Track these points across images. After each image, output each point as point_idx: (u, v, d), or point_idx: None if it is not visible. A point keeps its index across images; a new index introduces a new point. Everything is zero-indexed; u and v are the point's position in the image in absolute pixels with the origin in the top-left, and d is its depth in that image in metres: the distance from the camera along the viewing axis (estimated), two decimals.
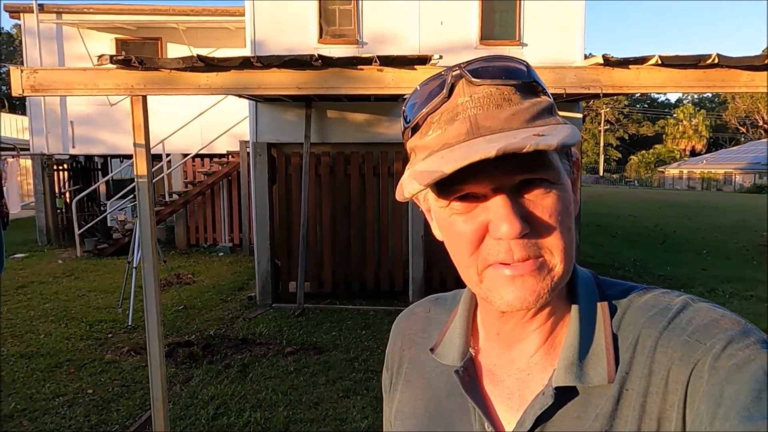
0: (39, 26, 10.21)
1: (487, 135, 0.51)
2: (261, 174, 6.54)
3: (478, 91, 0.53)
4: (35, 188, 10.62)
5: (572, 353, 0.56)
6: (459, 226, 0.54)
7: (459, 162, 0.47)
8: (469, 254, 0.54)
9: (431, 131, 0.54)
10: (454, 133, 0.52)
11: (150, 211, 2.99)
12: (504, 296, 0.53)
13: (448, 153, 0.51)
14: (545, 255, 0.53)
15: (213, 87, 2.93)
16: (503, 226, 0.51)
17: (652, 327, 0.55)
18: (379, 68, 2.95)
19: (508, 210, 0.51)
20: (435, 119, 0.54)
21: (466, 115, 0.52)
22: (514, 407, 0.58)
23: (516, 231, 0.50)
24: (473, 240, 0.54)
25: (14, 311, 6.30)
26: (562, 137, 0.48)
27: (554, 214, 0.53)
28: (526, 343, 0.59)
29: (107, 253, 9.84)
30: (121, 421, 3.69)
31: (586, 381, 0.55)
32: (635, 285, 0.62)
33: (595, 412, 0.54)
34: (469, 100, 0.53)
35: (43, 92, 2.88)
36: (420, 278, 6.65)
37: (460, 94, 0.53)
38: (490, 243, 0.53)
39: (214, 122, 9.95)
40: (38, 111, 10.54)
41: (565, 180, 0.56)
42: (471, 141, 0.51)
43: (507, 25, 6.70)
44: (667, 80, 2.94)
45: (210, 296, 6.98)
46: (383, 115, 6.60)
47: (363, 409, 3.77)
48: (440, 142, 0.53)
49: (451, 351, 0.65)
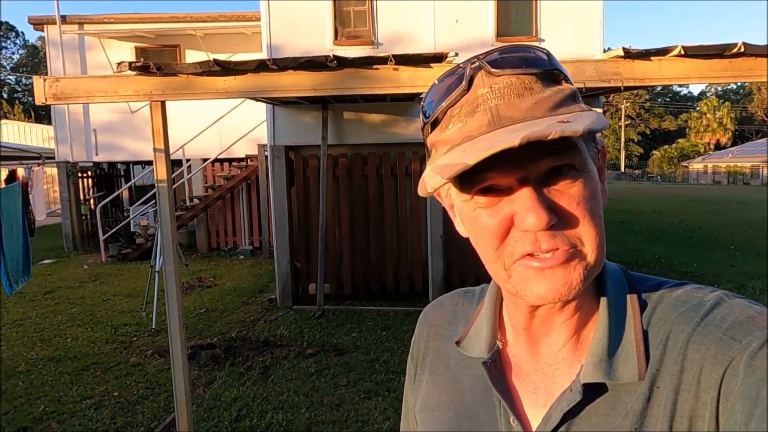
0: (62, 37, 10.45)
1: (510, 125, 0.49)
2: (279, 177, 6.58)
3: (498, 82, 0.52)
4: (61, 195, 10.87)
5: (601, 349, 0.55)
6: (483, 220, 0.53)
7: (482, 153, 0.46)
8: (494, 249, 0.53)
9: (452, 125, 0.53)
10: (475, 125, 0.51)
11: (171, 215, 3.02)
12: (534, 289, 0.52)
13: (470, 145, 0.50)
14: (576, 244, 0.51)
15: (230, 91, 2.95)
16: (530, 218, 0.49)
17: (684, 323, 0.53)
18: (395, 67, 2.93)
19: (533, 200, 0.50)
20: (455, 112, 0.53)
21: (487, 106, 0.51)
22: (540, 402, 0.57)
23: (543, 222, 0.49)
24: (498, 233, 0.52)
25: (42, 316, 6.44)
26: (588, 123, 0.47)
27: (582, 202, 0.51)
28: (554, 337, 0.58)
29: (131, 258, 10.01)
30: (146, 423, 3.74)
31: (616, 378, 0.53)
32: (666, 280, 0.60)
33: (624, 409, 0.52)
34: (489, 91, 0.52)
35: (65, 100, 2.93)
36: (440, 279, 6.60)
37: (479, 86, 0.52)
38: (516, 235, 0.52)
39: (233, 127, 10.07)
40: (63, 120, 10.79)
41: (592, 167, 0.54)
42: (493, 132, 0.50)
43: (523, 21, 6.63)
44: (690, 71, 2.86)
45: (231, 299, 7.04)
46: (399, 115, 6.58)
47: (385, 411, 3.75)
48: (461, 135, 0.52)
49: (477, 344, 0.64)
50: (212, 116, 9.97)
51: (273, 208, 6.70)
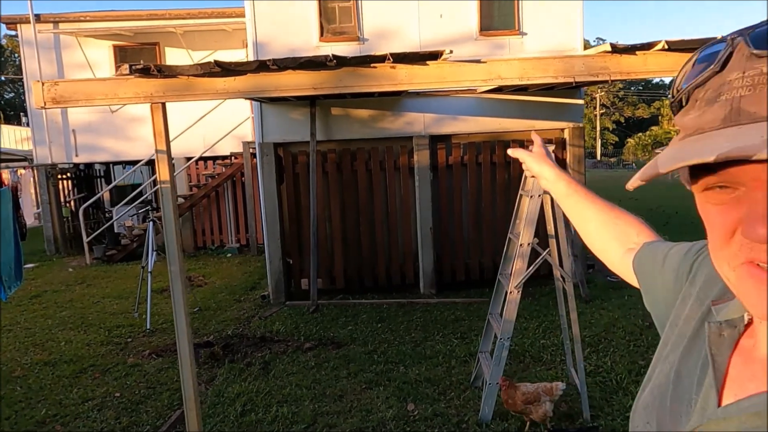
0: (37, 36, 10.22)
1: (746, 124, 0.43)
2: (269, 174, 6.60)
3: (757, 66, 0.43)
4: (41, 198, 10.69)
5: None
6: (712, 217, 0.49)
7: (676, 162, 0.43)
8: (720, 248, 0.49)
9: (693, 110, 0.48)
10: (709, 118, 0.46)
11: (174, 216, 3.06)
12: (757, 304, 0.47)
13: (690, 143, 0.46)
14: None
15: (230, 91, 2.99)
16: (758, 229, 0.43)
17: None
18: (392, 65, 3.00)
19: (765, 210, 0.43)
20: (699, 96, 0.48)
21: (730, 96, 0.44)
22: (747, 390, 0.52)
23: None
24: (724, 235, 0.48)
25: (32, 320, 6.38)
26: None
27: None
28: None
29: (116, 260, 9.91)
30: (151, 422, 3.78)
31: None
32: None
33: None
34: (740, 78, 0.44)
35: (64, 104, 2.94)
36: (430, 270, 6.73)
37: (734, 69, 0.45)
38: (743, 239, 0.46)
39: (217, 125, 10.01)
40: (40, 121, 10.58)
41: None
42: (722, 130, 0.44)
43: (506, 15, 6.74)
44: (674, 64, 3.00)
45: (223, 297, 7.06)
46: (387, 109, 6.66)
47: (387, 399, 3.86)
48: (695, 126, 0.47)
49: (725, 309, 0.60)
50: (196, 114, 9.90)
51: (263, 206, 6.73)
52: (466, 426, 3.47)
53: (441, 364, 4.45)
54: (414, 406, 3.75)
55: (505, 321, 3.48)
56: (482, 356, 3.90)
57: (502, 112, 6.62)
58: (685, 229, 10.94)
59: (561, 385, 3.29)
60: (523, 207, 3.54)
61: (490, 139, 6.69)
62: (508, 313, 3.47)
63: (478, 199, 6.75)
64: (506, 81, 3.07)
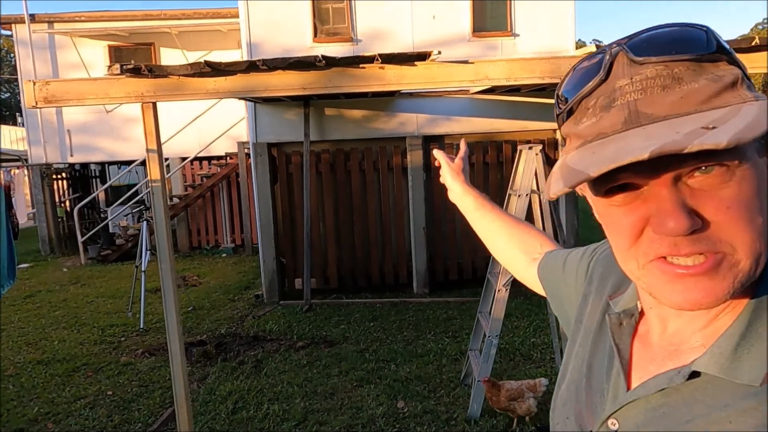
0: (31, 36, 10.22)
1: (647, 125, 0.45)
2: (263, 174, 6.63)
3: (642, 71, 0.46)
4: (35, 198, 10.68)
5: (728, 343, 0.50)
6: (616, 219, 0.50)
7: (607, 164, 0.43)
8: (627, 248, 0.50)
9: (585, 118, 0.50)
10: (609, 122, 0.47)
11: (165, 214, 3.09)
12: (671, 297, 0.48)
13: (600, 147, 0.46)
14: (724, 249, 0.46)
15: (221, 91, 3.02)
16: (669, 222, 0.45)
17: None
18: (381, 66, 3.04)
19: (672, 204, 0.45)
20: (590, 104, 0.49)
21: (625, 101, 0.46)
22: (652, 372, 0.55)
23: (683, 228, 0.44)
24: (632, 234, 0.49)
25: (25, 320, 6.39)
26: (738, 130, 0.40)
27: (734, 205, 0.45)
28: (687, 321, 0.55)
29: (111, 259, 9.91)
30: (143, 420, 3.80)
31: (733, 376, 0.48)
32: None
33: (726, 403, 0.48)
34: (630, 83, 0.46)
35: (56, 103, 2.96)
36: (423, 270, 6.77)
37: (619, 76, 0.47)
38: (652, 236, 0.48)
39: (211, 125, 10.04)
40: (35, 121, 10.57)
41: (755, 161, 0.47)
42: (626, 132, 0.46)
43: (499, 17, 6.79)
44: None
45: (217, 296, 7.08)
46: (380, 110, 6.70)
47: (377, 397, 3.89)
48: (594, 132, 0.48)
49: (621, 301, 0.64)
50: (190, 114, 9.92)
51: (257, 206, 6.76)
52: (455, 423, 3.50)
53: (432, 362, 4.49)
54: (404, 403, 3.79)
55: (494, 319, 3.52)
56: (472, 354, 3.94)
57: (494, 113, 6.67)
58: None
59: (544, 381, 3.34)
60: (512, 206, 3.58)
61: (483, 139, 6.73)
62: (497, 312, 3.51)
63: None
64: (494, 81, 3.11)
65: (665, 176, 0.45)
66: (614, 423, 0.57)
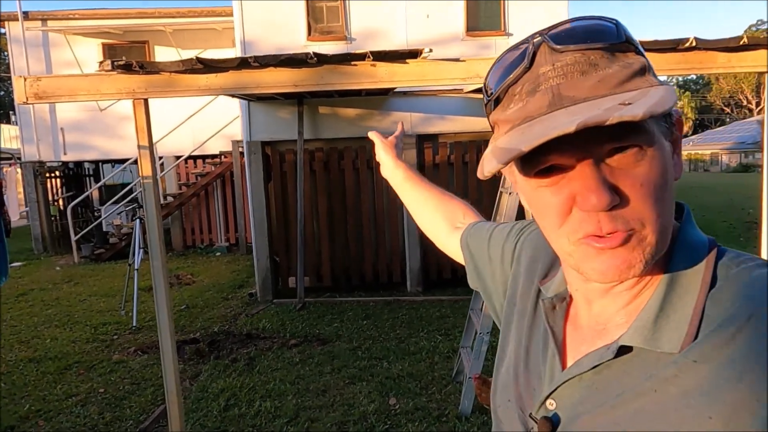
0: (25, 34, 10.18)
1: (570, 106, 0.49)
2: (256, 172, 6.63)
3: (561, 59, 0.51)
4: (28, 197, 10.62)
5: (648, 316, 0.54)
6: (545, 199, 0.53)
7: (537, 139, 0.46)
8: (558, 227, 0.54)
9: (512, 104, 0.53)
10: (535, 106, 0.51)
11: (156, 211, 3.09)
12: (596, 267, 0.52)
13: (528, 128, 0.50)
14: (635, 226, 0.51)
15: (213, 88, 3.02)
16: (591, 198, 0.49)
17: (752, 308, 0.50)
18: (372, 63, 3.05)
19: (595, 181, 0.49)
20: (516, 91, 0.53)
21: (548, 85, 0.50)
22: (583, 352, 0.59)
23: (604, 203, 0.49)
24: (561, 213, 0.53)
25: (17, 318, 6.36)
26: (650, 104, 0.45)
27: (646, 183, 0.50)
28: (610, 300, 0.59)
29: (105, 258, 9.88)
30: (134, 417, 3.80)
31: (655, 346, 0.53)
32: (757, 258, 0.56)
33: (651, 372, 0.52)
34: (552, 69, 0.51)
35: (47, 99, 2.96)
36: (417, 268, 6.78)
37: (542, 63, 0.51)
38: (579, 215, 0.52)
39: (206, 123, 10.01)
40: (28, 119, 10.52)
41: (661, 144, 0.52)
42: (552, 113, 0.49)
43: (492, 16, 6.82)
44: None
45: (211, 295, 7.07)
46: (374, 109, 6.71)
47: (369, 394, 3.90)
48: (521, 115, 0.52)
49: (552, 285, 0.68)
50: (185, 113, 9.89)
51: (251, 204, 6.75)
52: (446, 419, 3.52)
53: (424, 359, 4.50)
54: (396, 400, 3.80)
55: (485, 316, 3.54)
56: (463, 351, 3.96)
57: None
58: None
59: None
60: (503, 204, 3.60)
61: (477, 138, 6.75)
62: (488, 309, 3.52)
63: (465, 197, 6.79)
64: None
65: (589, 156, 0.50)
66: (552, 404, 0.60)
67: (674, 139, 0.55)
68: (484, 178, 0.54)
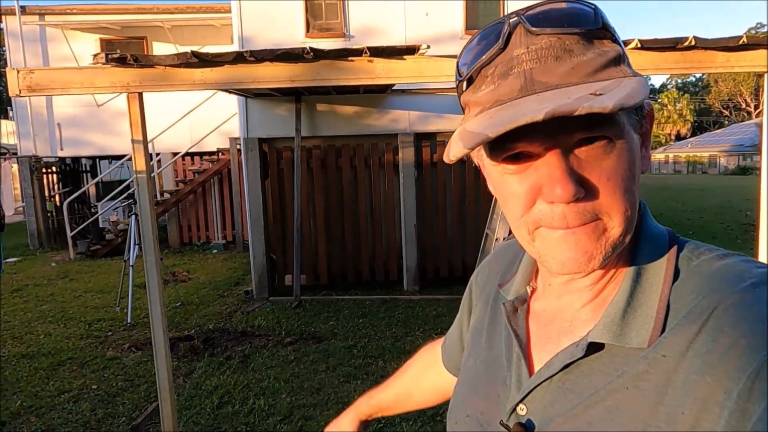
0: (22, 28, 10.12)
1: (541, 92, 0.48)
2: (253, 169, 6.59)
3: (537, 42, 0.49)
4: (24, 192, 10.57)
5: (616, 311, 0.54)
6: (511, 187, 0.53)
7: (505, 125, 0.45)
8: (521, 215, 0.53)
9: (484, 86, 0.51)
10: (507, 89, 0.49)
11: (150, 206, 3.06)
12: (557, 257, 0.52)
13: (497, 112, 0.49)
14: (602, 217, 0.50)
15: (208, 82, 2.99)
16: (557, 189, 0.48)
17: (715, 300, 0.49)
18: (369, 59, 3.02)
19: (561, 172, 0.48)
20: (489, 72, 0.51)
21: (522, 69, 0.49)
22: (549, 352, 0.58)
23: (569, 195, 0.48)
24: (526, 201, 0.52)
25: (11, 314, 6.32)
26: (621, 97, 0.44)
27: (613, 176, 0.50)
28: (575, 296, 0.58)
29: (101, 254, 9.84)
30: (127, 414, 3.77)
31: (624, 341, 0.52)
32: (715, 248, 0.56)
33: (623, 369, 0.51)
34: (526, 52, 0.49)
35: (40, 92, 2.93)
36: (414, 267, 6.76)
37: (516, 45, 0.50)
38: (544, 205, 0.51)
39: (203, 120, 9.97)
40: (25, 114, 10.47)
41: (631, 137, 0.51)
42: (522, 99, 0.48)
43: (491, 15, 6.79)
44: (647, 63, 3.05)
45: (207, 292, 7.04)
46: (372, 107, 6.68)
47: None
48: (492, 99, 0.50)
49: (512, 288, 0.67)
50: (182, 109, 9.85)
51: (247, 201, 6.72)
52: (440, 419, 3.49)
53: None
54: None
55: None
56: None
57: None
58: None
59: None
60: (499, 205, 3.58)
61: None
62: None
63: (463, 196, 6.79)
64: None
65: (557, 146, 0.49)
66: (522, 408, 0.58)
67: (644, 132, 0.54)
68: (450, 162, 0.52)
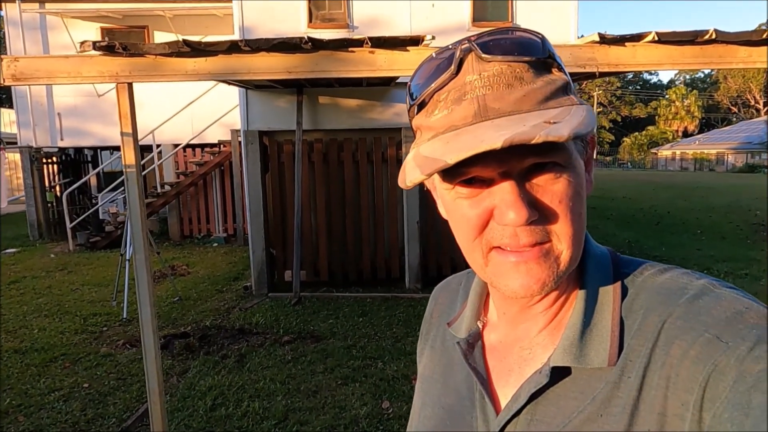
0: (22, 16, 9.98)
1: (495, 118, 0.49)
2: (253, 163, 6.46)
3: (488, 69, 0.50)
4: (24, 182, 10.48)
5: (573, 333, 0.55)
6: (464, 210, 0.53)
7: (463, 152, 0.46)
8: (473, 238, 0.54)
9: (437, 111, 0.52)
10: (460, 115, 0.50)
11: (140, 202, 2.93)
12: (509, 283, 0.53)
13: (453, 138, 0.49)
14: (552, 240, 0.52)
15: (200, 72, 2.85)
16: (510, 213, 0.49)
17: (664, 314, 0.51)
18: (371, 50, 2.87)
19: (515, 196, 0.49)
20: (442, 97, 0.52)
21: (474, 95, 0.50)
22: (512, 384, 0.58)
23: (523, 218, 0.49)
24: (478, 225, 0.53)
25: (7, 307, 6.23)
26: (574, 125, 0.46)
27: (564, 199, 0.51)
28: (531, 323, 0.59)
29: (100, 246, 9.75)
30: (118, 415, 3.66)
31: (585, 362, 0.53)
32: (655, 264, 0.58)
33: (592, 394, 0.52)
34: (478, 79, 0.50)
35: (25, 81, 2.79)
36: (416, 265, 6.63)
37: (468, 71, 0.51)
38: (496, 227, 0.52)
39: (205, 112, 9.83)
40: (25, 103, 10.35)
41: (578, 163, 0.54)
42: (478, 125, 0.49)
43: (499, 7, 6.61)
44: (664, 57, 2.88)
45: (205, 287, 6.93)
46: (376, 100, 6.52)
47: (362, 396, 3.76)
48: (446, 124, 0.51)
49: (463, 324, 0.66)
50: (183, 100, 9.71)
51: (247, 195, 6.59)
52: None
53: None
54: (389, 403, 3.65)
55: None
56: None
57: None
58: (675, 228, 10.89)
59: None
60: None
61: None
62: None
63: None
64: None
65: (510, 171, 0.50)
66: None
67: (587, 158, 0.57)
68: (406, 189, 0.51)
